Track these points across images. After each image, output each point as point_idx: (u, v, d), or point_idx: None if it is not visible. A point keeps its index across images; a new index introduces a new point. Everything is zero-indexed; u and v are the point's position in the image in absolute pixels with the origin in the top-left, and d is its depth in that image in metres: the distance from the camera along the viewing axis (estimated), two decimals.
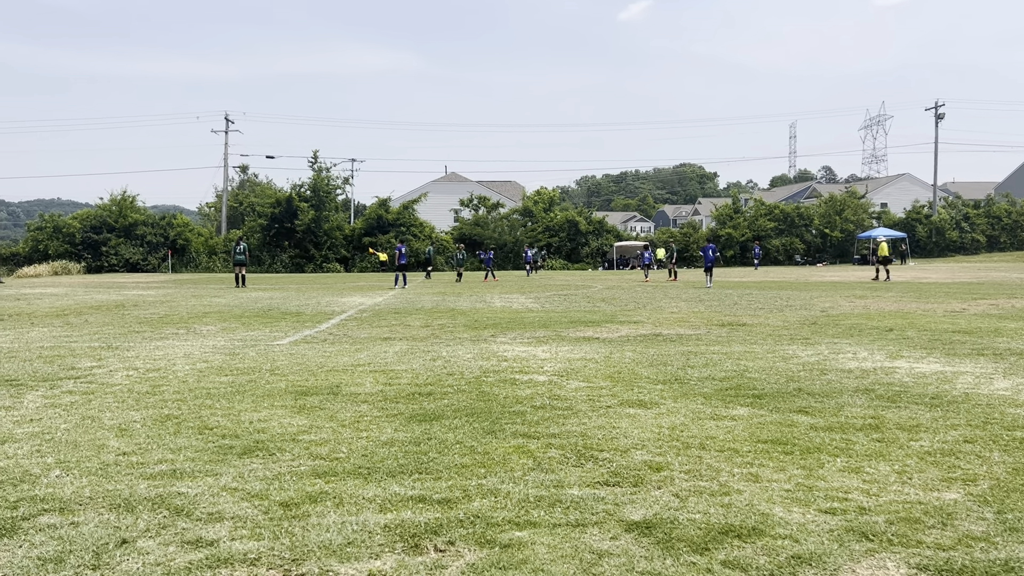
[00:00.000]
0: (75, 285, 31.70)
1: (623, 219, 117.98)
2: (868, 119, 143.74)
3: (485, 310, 17.04)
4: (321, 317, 15.38)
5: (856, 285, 26.92)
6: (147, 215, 57.84)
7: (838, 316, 14.66)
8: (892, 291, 22.67)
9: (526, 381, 7.54)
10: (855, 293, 21.92)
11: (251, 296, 22.80)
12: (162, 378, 7.78)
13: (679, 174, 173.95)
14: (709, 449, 5.01)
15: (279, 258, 55.58)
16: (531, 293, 24.25)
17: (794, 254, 62.31)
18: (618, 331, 12.26)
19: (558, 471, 4.54)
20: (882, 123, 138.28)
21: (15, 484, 4.31)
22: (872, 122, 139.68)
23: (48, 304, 19.28)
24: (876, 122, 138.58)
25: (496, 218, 61.85)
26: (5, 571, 3.18)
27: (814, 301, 18.89)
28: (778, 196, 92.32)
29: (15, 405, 6.47)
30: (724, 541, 3.48)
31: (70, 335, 11.99)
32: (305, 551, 3.38)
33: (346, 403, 6.53)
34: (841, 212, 64.07)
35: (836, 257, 63.11)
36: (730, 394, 6.83)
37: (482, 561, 3.27)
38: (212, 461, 4.74)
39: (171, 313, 16.36)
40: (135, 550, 3.38)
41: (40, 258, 52.48)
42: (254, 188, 74.97)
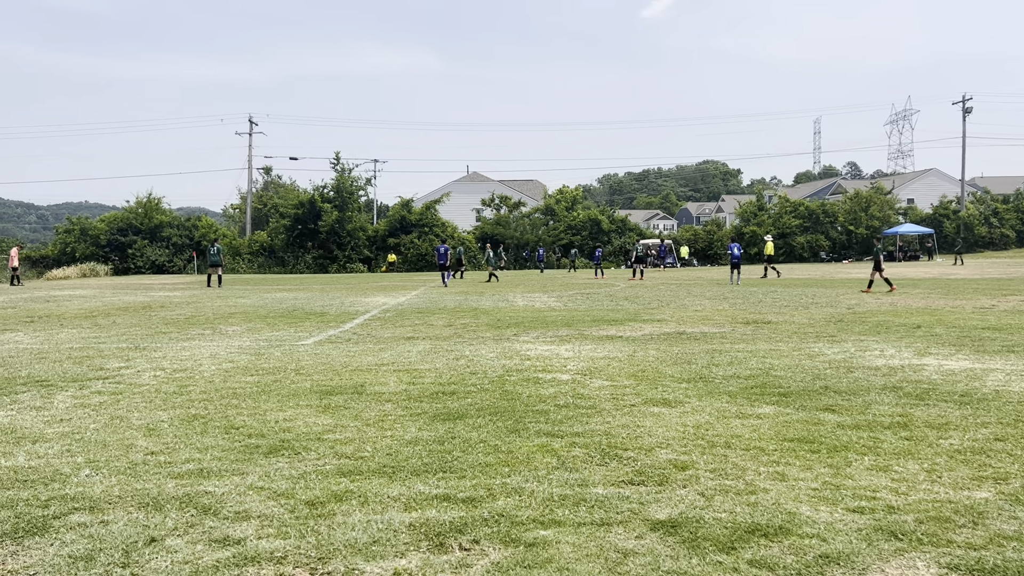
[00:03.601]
0: (103, 287, 32.11)
1: (646, 217, 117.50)
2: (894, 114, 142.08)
3: (507, 309, 17.04)
4: (345, 317, 15.47)
5: (882, 282, 26.61)
6: (173, 217, 58.49)
7: (864, 313, 14.50)
8: (919, 288, 22.38)
9: (549, 380, 7.53)
10: (881, 290, 21.66)
11: (276, 297, 22.98)
12: (189, 378, 7.86)
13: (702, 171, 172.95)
14: (735, 448, 4.97)
15: (303, 259, 55.95)
16: (553, 292, 24.22)
17: (819, 251, 61.73)
18: (641, 329, 12.21)
19: (582, 470, 4.53)
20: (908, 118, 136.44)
21: (46, 483, 4.37)
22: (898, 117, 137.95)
23: (76, 306, 19.55)
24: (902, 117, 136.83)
25: (518, 217, 61.84)
26: (37, 569, 3.23)
27: (840, 298, 18.70)
28: (803, 193, 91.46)
29: (46, 405, 6.57)
30: (751, 540, 3.45)
31: (98, 336, 12.16)
32: (331, 549, 3.40)
33: (370, 402, 6.56)
34: (867, 208, 63.36)
35: (862, 254, 62.43)
36: (755, 392, 6.78)
37: (507, 560, 3.27)
38: (239, 460, 4.78)
39: (197, 314, 16.53)
40: (164, 548, 3.42)
41: (68, 260, 53.25)
42: (278, 189, 75.59)
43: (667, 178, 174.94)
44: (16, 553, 3.40)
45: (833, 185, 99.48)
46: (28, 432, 5.58)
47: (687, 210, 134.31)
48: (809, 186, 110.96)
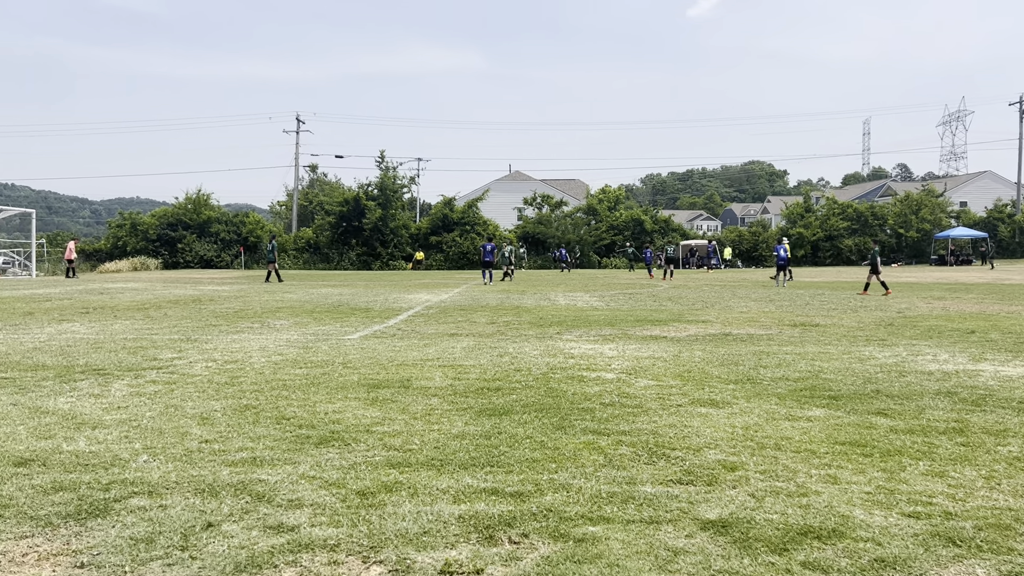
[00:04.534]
0: (153, 280, 32.86)
1: (689, 217, 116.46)
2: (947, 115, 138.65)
3: (550, 308, 17.04)
4: (389, 313, 15.61)
5: (934, 286, 26.04)
6: (221, 213, 59.54)
7: (916, 317, 14.20)
8: (973, 292, 21.84)
9: (594, 378, 7.52)
10: (933, 294, 21.20)
11: (321, 292, 23.28)
12: (240, 370, 8.02)
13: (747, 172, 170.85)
14: (785, 450, 4.92)
15: (347, 256, 56.58)
16: (595, 292, 24.15)
17: (867, 254, 60.59)
18: (686, 330, 12.12)
19: (630, 468, 4.52)
20: (962, 119, 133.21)
21: (106, 467, 4.49)
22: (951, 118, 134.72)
23: (129, 298, 20.03)
24: (955, 118, 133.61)
25: (559, 216, 61.75)
26: (100, 550, 3.33)
27: (890, 302, 18.34)
28: (851, 194, 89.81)
29: (103, 393, 6.75)
30: (803, 542, 3.41)
31: (151, 328, 12.45)
32: (382, 539, 3.44)
33: (417, 396, 6.62)
34: (918, 211, 62.01)
35: (912, 257, 61.13)
36: (805, 395, 6.69)
37: (556, 554, 3.28)
38: (290, 450, 4.87)
39: (245, 308, 16.83)
40: (220, 533, 3.49)
41: (120, 254, 54.55)
42: (323, 187, 76.48)
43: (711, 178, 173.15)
44: (80, 534, 3.51)
45: (883, 187, 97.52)
46: (88, 418, 5.74)
47: (731, 211, 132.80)
48: (857, 188, 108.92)
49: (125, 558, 3.24)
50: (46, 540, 3.45)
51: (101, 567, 3.16)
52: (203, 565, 3.16)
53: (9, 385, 7.11)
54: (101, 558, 3.24)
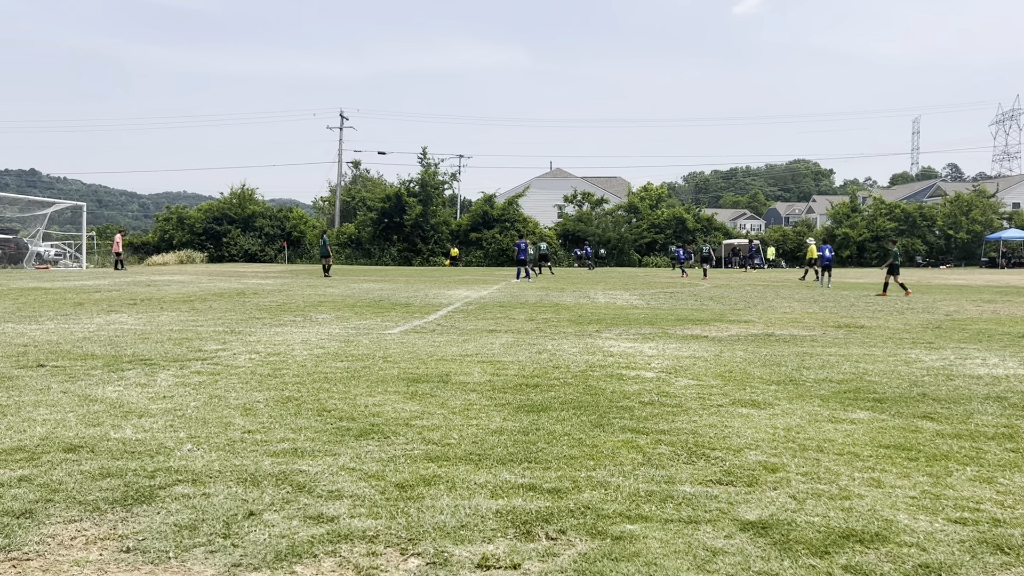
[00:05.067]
0: (199, 273, 33.48)
1: (732, 216, 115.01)
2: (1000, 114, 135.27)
3: (589, 306, 16.99)
4: (429, 309, 15.70)
5: (984, 289, 25.40)
6: (265, 208, 60.40)
7: (964, 320, 13.86)
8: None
9: (633, 377, 7.48)
10: (983, 297, 20.68)
11: (363, 287, 23.50)
12: (282, 362, 8.13)
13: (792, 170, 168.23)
14: (827, 452, 4.84)
15: (388, 251, 57.04)
16: (636, 290, 24.01)
17: (915, 255, 59.33)
18: (728, 330, 11.99)
19: (668, 467, 4.49)
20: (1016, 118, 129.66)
21: (152, 455, 4.59)
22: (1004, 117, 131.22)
23: (175, 291, 20.43)
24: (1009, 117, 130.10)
25: (600, 214, 61.49)
26: (146, 535, 3.40)
27: (937, 304, 17.93)
28: (899, 194, 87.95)
29: (149, 383, 6.90)
30: (845, 546, 3.35)
31: (196, 319, 12.68)
32: (421, 531, 3.46)
33: (456, 391, 6.65)
34: (968, 212, 60.53)
35: (961, 259, 59.70)
36: (849, 397, 6.58)
37: (594, 552, 3.27)
38: (331, 442, 4.92)
39: (288, 301, 17.06)
40: (262, 522, 3.55)
41: (167, 247, 55.66)
42: (365, 183, 77.20)
43: (755, 177, 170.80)
44: (126, 519, 3.59)
45: (932, 187, 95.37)
46: (134, 407, 5.87)
47: (775, 210, 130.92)
48: (906, 188, 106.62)
49: (169, 544, 3.31)
50: (93, 524, 3.53)
51: (146, 552, 3.23)
52: (244, 553, 3.21)
53: (60, 373, 7.30)
54: (146, 543, 3.31)
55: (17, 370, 7.47)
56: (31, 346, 9.16)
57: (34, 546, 3.29)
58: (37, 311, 13.88)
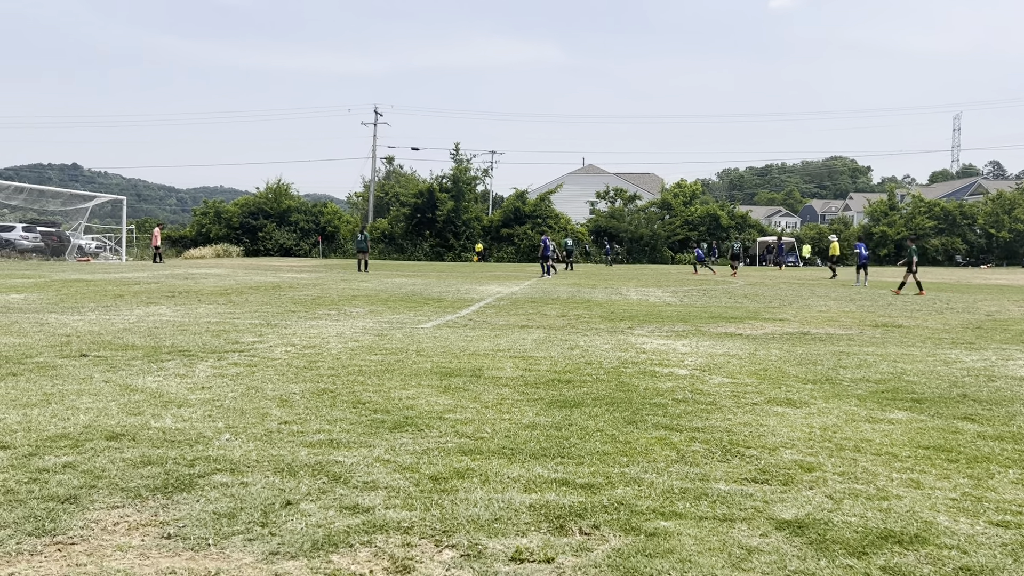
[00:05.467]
0: (235, 267, 33.92)
1: (767, 213, 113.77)
2: None
3: (621, 302, 16.93)
4: (461, 304, 15.76)
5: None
6: (300, 203, 61.03)
7: (1006, 321, 13.58)
8: None
9: (666, 374, 7.44)
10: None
11: (395, 282, 23.65)
12: (317, 355, 8.22)
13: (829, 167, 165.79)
14: (865, 452, 4.78)
15: (420, 247, 57.32)
16: (668, 287, 23.87)
17: (955, 255, 58.23)
18: (762, 328, 11.87)
19: (703, 465, 4.46)
20: None
21: (191, 444, 4.67)
22: None
23: (212, 284, 20.73)
24: None
25: (633, 210, 61.18)
26: (186, 522, 3.47)
27: (978, 304, 17.58)
28: (938, 192, 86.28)
29: (188, 373, 7.02)
30: (883, 546, 3.31)
31: (233, 312, 12.86)
32: (455, 524, 3.49)
33: (488, 386, 6.67)
34: (1011, 211, 59.25)
35: (1003, 259, 58.45)
36: (887, 397, 6.48)
37: (628, 547, 3.26)
38: (365, 434, 4.97)
39: (323, 295, 17.23)
40: (299, 512, 3.60)
41: (204, 241, 56.48)
42: (399, 179, 77.62)
43: (791, 174, 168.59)
44: (166, 506, 3.66)
45: (973, 185, 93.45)
46: (174, 397, 5.98)
47: (811, 207, 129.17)
48: (946, 185, 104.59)
49: (208, 531, 3.37)
50: (135, 511, 3.61)
51: (186, 539, 3.29)
52: (282, 541, 3.26)
53: (101, 363, 7.46)
54: (186, 530, 3.38)
55: (61, 359, 7.64)
56: (73, 336, 9.36)
57: (78, 531, 3.36)
58: (79, 302, 14.17)
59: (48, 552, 3.15)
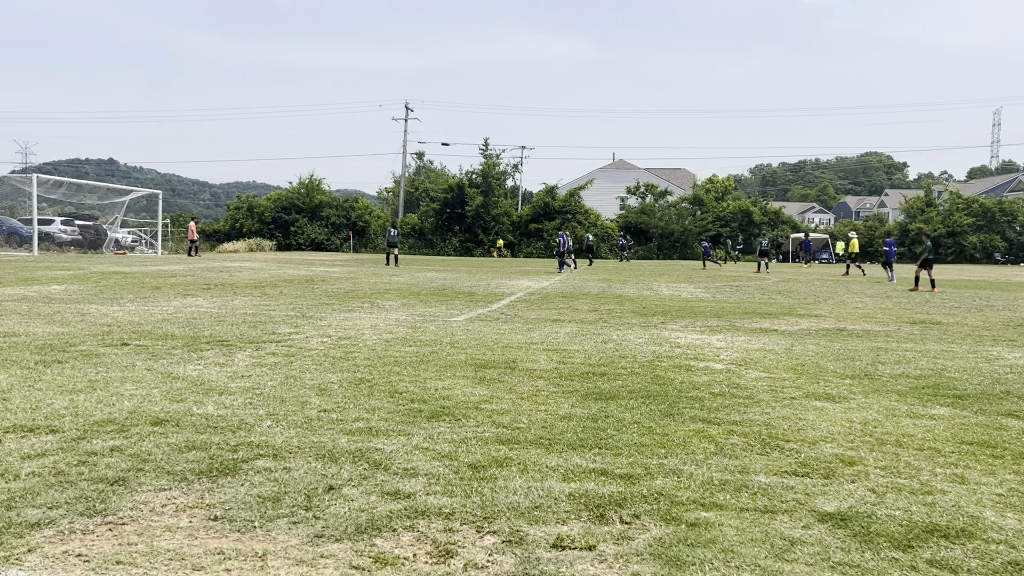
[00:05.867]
0: (268, 261, 34.30)
1: (800, 210, 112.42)
2: None
3: (652, 298, 16.85)
4: (492, 298, 15.79)
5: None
6: (332, 198, 61.50)
7: None
8: None
9: (702, 368, 7.40)
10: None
11: (426, 276, 23.77)
12: (353, 346, 8.29)
13: (864, 163, 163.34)
14: (907, 447, 4.72)
15: (450, 242, 57.49)
16: (700, 283, 23.71)
17: (993, 252, 57.13)
18: (798, 324, 11.76)
19: (742, 457, 4.44)
20: None
21: (233, 431, 4.74)
22: None
23: (247, 277, 20.98)
24: None
25: (663, 206, 60.85)
26: (231, 505, 3.52)
27: (1019, 302, 17.25)
28: (977, 189, 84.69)
29: (228, 362, 7.12)
30: (929, 540, 3.28)
31: (268, 304, 13.01)
32: (495, 511, 3.51)
33: (523, 377, 6.68)
34: None
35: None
36: (927, 393, 6.39)
37: (669, 537, 3.26)
38: (404, 422, 5.01)
39: (355, 289, 17.36)
40: (341, 496, 3.64)
41: (237, 235, 57.15)
42: (429, 174, 77.85)
43: (825, 170, 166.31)
44: (212, 490, 3.73)
45: (1013, 181, 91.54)
46: (215, 385, 6.07)
47: (846, 204, 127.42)
48: (984, 182, 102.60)
49: (254, 514, 3.42)
50: (182, 493, 3.67)
51: (232, 521, 3.35)
52: (326, 525, 3.31)
53: (143, 352, 7.59)
54: (232, 513, 3.43)
55: (103, 348, 7.78)
56: (114, 326, 9.53)
57: (128, 512, 3.44)
58: (118, 294, 14.43)
59: (100, 531, 3.22)
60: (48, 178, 41.49)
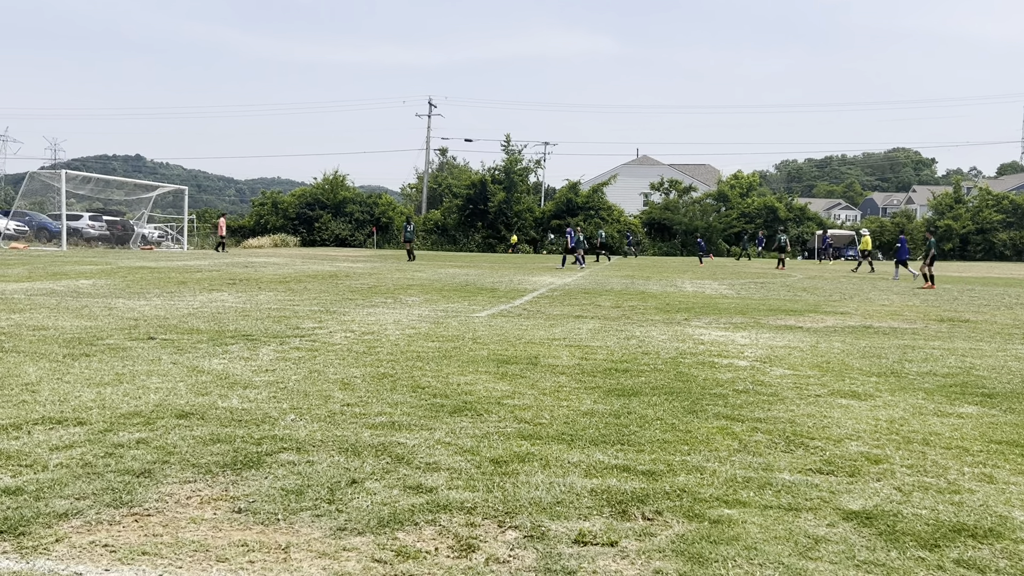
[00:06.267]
0: (293, 256, 34.54)
1: (826, 206, 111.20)
2: None
3: (676, 294, 16.77)
4: (514, 294, 15.79)
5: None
6: (355, 194, 61.73)
7: None
8: None
9: (726, 365, 7.35)
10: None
11: (449, 272, 23.82)
12: (376, 340, 8.33)
13: (891, 159, 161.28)
14: (934, 446, 4.66)
15: (472, 238, 57.56)
16: (725, 280, 23.56)
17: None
18: (823, 321, 11.64)
19: (766, 455, 4.40)
20: None
21: (257, 424, 4.78)
22: None
23: (272, 272, 21.15)
24: None
25: (688, 202, 60.52)
26: (255, 497, 3.55)
27: None
28: (1007, 185, 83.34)
29: (252, 357, 7.18)
30: (956, 540, 3.23)
31: (293, 299, 13.11)
32: (517, 505, 3.51)
33: (545, 373, 6.68)
34: None
35: None
36: (955, 391, 6.31)
37: (691, 533, 3.24)
38: (426, 417, 5.03)
39: (379, 284, 17.44)
40: (364, 490, 3.66)
41: (262, 231, 57.55)
42: (452, 170, 78.00)
43: (851, 166, 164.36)
44: (236, 482, 3.76)
45: None
46: (239, 379, 6.13)
47: (872, 200, 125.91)
48: (1015, 178, 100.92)
49: (278, 506, 3.44)
50: (207, 486, 3.71)
51: (256, 513, 3.38)
52: (348, 518, 3.32)
53: (169, 346, 7.67)
54: (256, 505, 3.46)
55: (129, 342, 7.88)
56: (141, 320, 9.64)
57: (153, 503, 3.47)
58: (144, 288, 14.60)
59: (126, 522, 3.26)
60: (76, 174, 42.05)
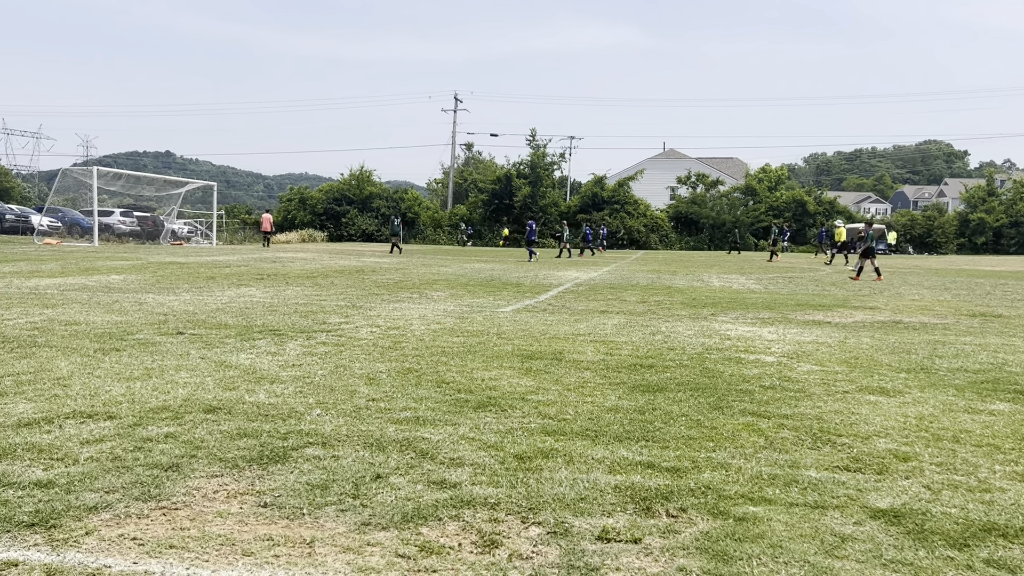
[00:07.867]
0: (320, 251, 34.77)
1: (856, 200, 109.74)
2: None
3: (703, 289, 16.66)
4: (539, 289, 15.78)
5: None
6: (382, 189, 61.95)
7: None
8: None
9: (752, 361, 7.29)
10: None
11: (474, 267, 23.85)
12: (401, 335, 8.37)
13: (922, 152, 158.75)
14: (964, 443, 4.59)
15: (498, 233, 57.54)
16: (752, 274, 23.36)
17: None
18: (852, 316, 11.51)
19: (792, 452, 4.36)
20: None
21: (284, 419, 4.83)
22: None
23: (299, 267, 21.31)
24: None
25: (715, 196, 60.03)
26: (281, 492, 3.59)
27: None
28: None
29: (279, 351, 7.24)
30: (986, 539, 3.18)
31: (319, 294, 13.20)
32: (540, 501, 3.51)
33: (570, 369, 6.67)
34: None
35: None
36: (987, 388, 6.20)
37: (716, 531, 3.22)
38: (450, 412, 5.04)
39: (404, 279, 17.51)
40: (388, 485, 3.68)
41: (289, 226, 57.93)
42: (477, 165, 78.01)
43: (881, 158, 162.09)
44: (262, 476, 3.80)
45: None
46: (266, 374, 6.19)
47: (903, 193, 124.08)
48: None
49: (303, 501, 3.48)
50: (233, 480, 3.75)
51: (282, 507, 3.41)
52: (373, 513, 3.34)
53: (197, 341, 7.77)
54: (282, 499, 3.50)
55: (159, 336, 7.99)
56: (170, 315, 9.77)
57: (181, 497, 3.52)
58: (174, 284, 14.78)
59: (154, 516, 3.31)
60: (108, 171, 42.65)
